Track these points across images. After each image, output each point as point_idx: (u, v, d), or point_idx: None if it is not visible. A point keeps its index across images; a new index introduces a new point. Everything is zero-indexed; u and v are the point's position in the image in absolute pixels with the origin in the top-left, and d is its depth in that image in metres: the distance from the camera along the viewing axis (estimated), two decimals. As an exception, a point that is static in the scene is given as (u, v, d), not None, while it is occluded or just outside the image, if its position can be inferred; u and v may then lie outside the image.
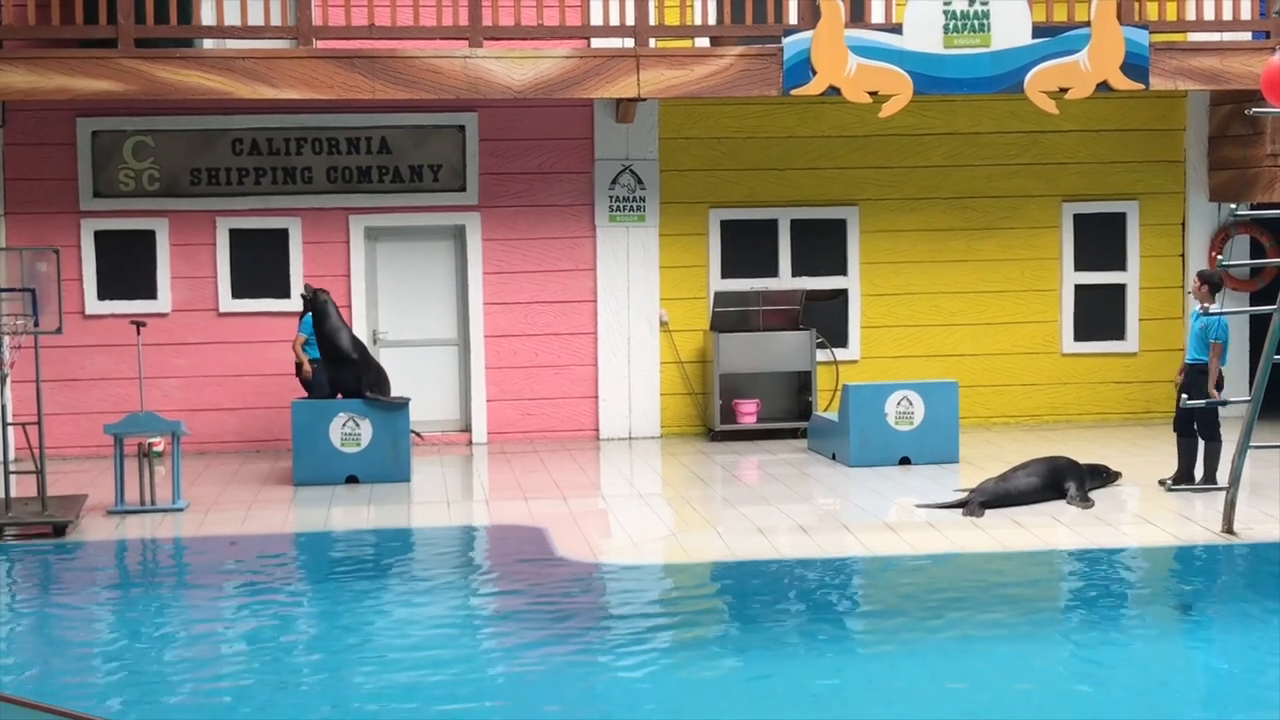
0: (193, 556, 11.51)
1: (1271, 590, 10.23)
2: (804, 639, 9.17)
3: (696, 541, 11.40)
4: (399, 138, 15.65)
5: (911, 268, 16.34)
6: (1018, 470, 12.52)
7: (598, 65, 14.40)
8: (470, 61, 14.29)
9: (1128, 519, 11.97)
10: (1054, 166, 16.44)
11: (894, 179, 16.28)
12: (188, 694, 8.31)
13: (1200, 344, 12.52)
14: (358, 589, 10.35)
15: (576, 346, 15.95)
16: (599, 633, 9.29)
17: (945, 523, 11.70)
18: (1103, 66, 14.73)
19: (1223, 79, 15.03)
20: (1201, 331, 12.50)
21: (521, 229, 15.82)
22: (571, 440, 15.90)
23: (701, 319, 16.07)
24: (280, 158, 15.53)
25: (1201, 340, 12.51)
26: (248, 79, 14.06)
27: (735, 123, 16.05)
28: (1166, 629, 9.48)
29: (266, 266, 15.57)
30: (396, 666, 8.70)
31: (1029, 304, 16.51)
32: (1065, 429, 16.13)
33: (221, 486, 13.66)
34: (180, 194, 15.45)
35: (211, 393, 15.55)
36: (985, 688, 8.30)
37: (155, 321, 15.22)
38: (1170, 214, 16.57)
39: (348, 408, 13.59)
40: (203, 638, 9.43)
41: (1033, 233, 16.46)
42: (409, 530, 12.09)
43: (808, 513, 12.23)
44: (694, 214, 16.08)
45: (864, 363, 16.28)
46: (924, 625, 9.39)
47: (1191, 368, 12.60)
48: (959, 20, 14.57)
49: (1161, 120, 16.47)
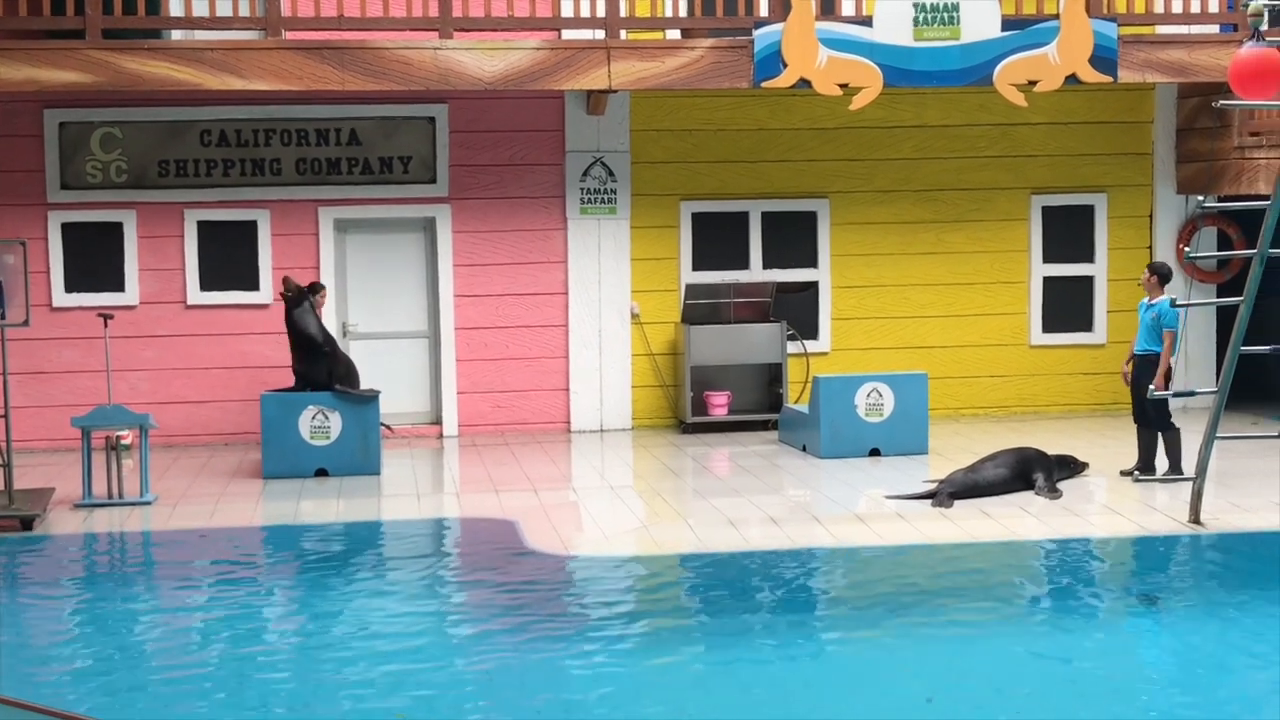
0: (161, 550, 11.45)
1: (1238, 581, 10.30)
2: (774, 630, 9.20)
3: (667, 533, 11.41)
4: (369, 129, 15.61)
5: (881, 260, 16.38)
6: (986, 461, 12.57)
7: (569, 57, 14.38)
8: (440, 53, 14.26)
9: (1095, 510, 12.03)
10: (1023, 159, 16.49)
11: (864, 171, 16.32)
12: (155, 687, 8.29)
13: (1152, 334, 12.58)
14: (327, 582, 10.33)
15: (547, 339, 15.94)
16: (570, 625, 9.29)
17: (914, 514, 11.74)
18: (1071, 59, 14.79)
19: (1190, 72, 15.10)
20: (1153, 322, 12.57)
21: (492, 221, 15.80)
22: (542, 433, 15.89)
23: (672, 311, 16.08)
24: (249, 149, 15.47)
25: (1153, 331, 12.57)
26: (216, 70, 14.00)
27: (706, 115, 16.05)
28: (1134, 619, 9.53)
29: (235, 259, 15.51)
30: (366, 659, 8.68)
31: (998, 296, 16.57)
32: (1033, 420, 16.20)
33: (190, 479, 13.61)
34: (148, 186, 15.38)
35: (180, 385, 15.49)
36: (954, 677, 8.34)
37: (123, 314, 15.14)
38: (1138, 206, 16.65)
39: (317, 400, 13.55)
40: (171, 631, 9.39)
41: (1001, 225, 16.52)
42: (379, 523, 12.07)
43: (778, 504, 12.25)
44: (665, 206, 16.08)
45: (834, 355, 16.32)
46: (893, 616, 9.43)
47: (1143, 359, 12.66)
48: (928, 13, 14.61)
49: (1129, 113, 16.54)
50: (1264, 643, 8.82)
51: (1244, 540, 11.03)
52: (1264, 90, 10.52)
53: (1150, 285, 12.74)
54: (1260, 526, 11.29)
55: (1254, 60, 10.37)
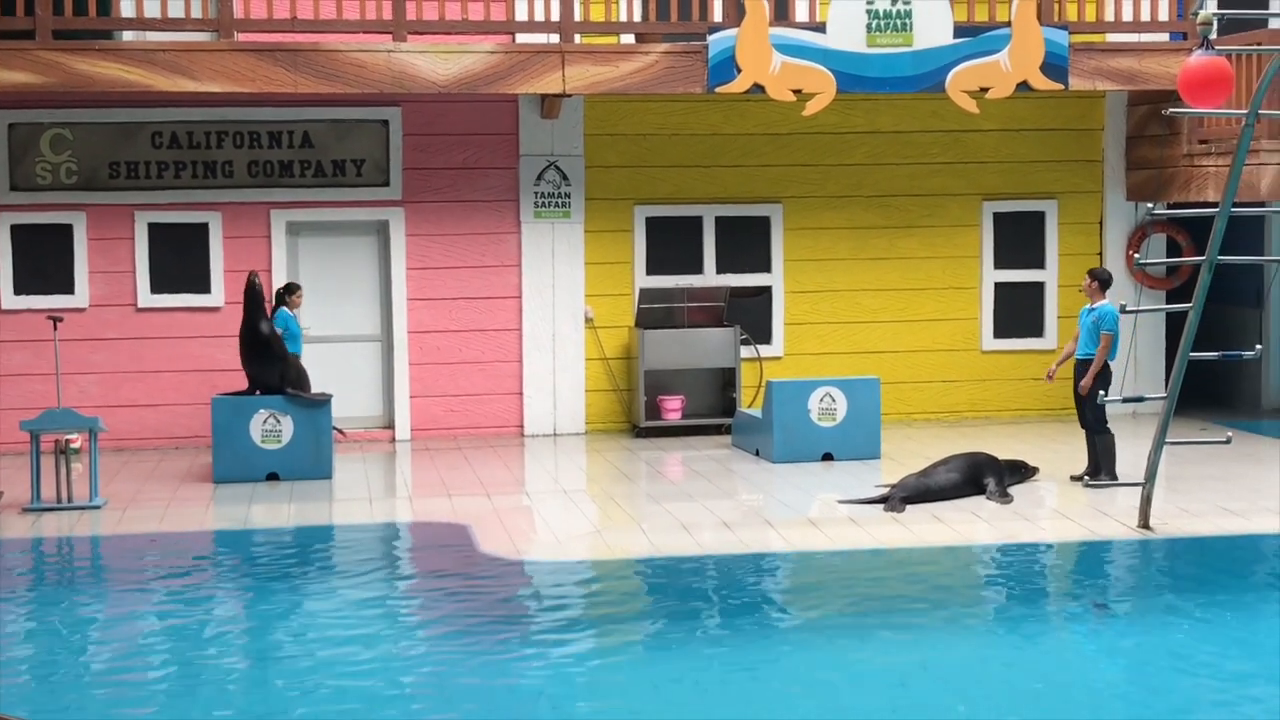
0: (110, 555, 11.37)
1: (1187, 585, 10.39)
2: (727, 634, 9.21)
3: (621, 538, 11.41)
4: (321, 132, 15.54)
5: (834, 265, 16.44)
6: (938, 466, 12.63)
7: (523, 61, 14.37)
8: (394, 56, 14.22)
9: (1046, 514, 12.11)
10: (974, 165, 16.59)
11: (817, 177, 16.37)
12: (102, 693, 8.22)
13: (1093, 338, 12.69)
14: (277, 587, 10.28)
15: (501, 343, 15.91)
16: (522, 630, 9.27)
17: (867, 518, 11.78)
18: (1023, 66, 14.88)
19: (1140, 79, 15.23)
20: (1094, 325, 12.67)
21: (446, 224, 15.76)
22: (496, 437, 15.86)
23: (626, 315, 16.09)
24: (200, 151, 15.38)
25: (1094, 335, 12.68)
26: (168, 72, 13.91)
27: (660, 119, 16.07)
28: (1083, 623, 9.60)
29: (186, 261, 15.41)
30: (317, 666, 8.64)
31: (950, 301, 16.66)
32: (985, 425, 16.29)
33: (140, 484, 13.51)
34: (98, 187, 15.26)
35: (130, 389, 15.38)
36: (905, 680, 8.37)
37: (73, 317, 15.02)
38: (1088, 213, 16.78)
39: (268, 404, 13.48)
40: (118, 637, 9.32)
41: (953, 231, 16.61)
42: (330, 528, 12.02)
43: (731, 509, 12.27)
44: (619, 210, 16.09)
45: (787, 359, 16.36)
46: (845, 620, 9.46)
47: (1084, 363, 12.76)
48: (881, 19, 14.67)
49: (1080, 120, 16.66)
50: (1210, 646, 8.90)
51: (1192, 545, 11.13)
52: (1213, 98, 10.61)
53: (1091, 290, 12.86)
54: (1208, 531, 11.40)
55: (1203, 69, 10.46)
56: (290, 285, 14.45)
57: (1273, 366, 17.18)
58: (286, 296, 14.34)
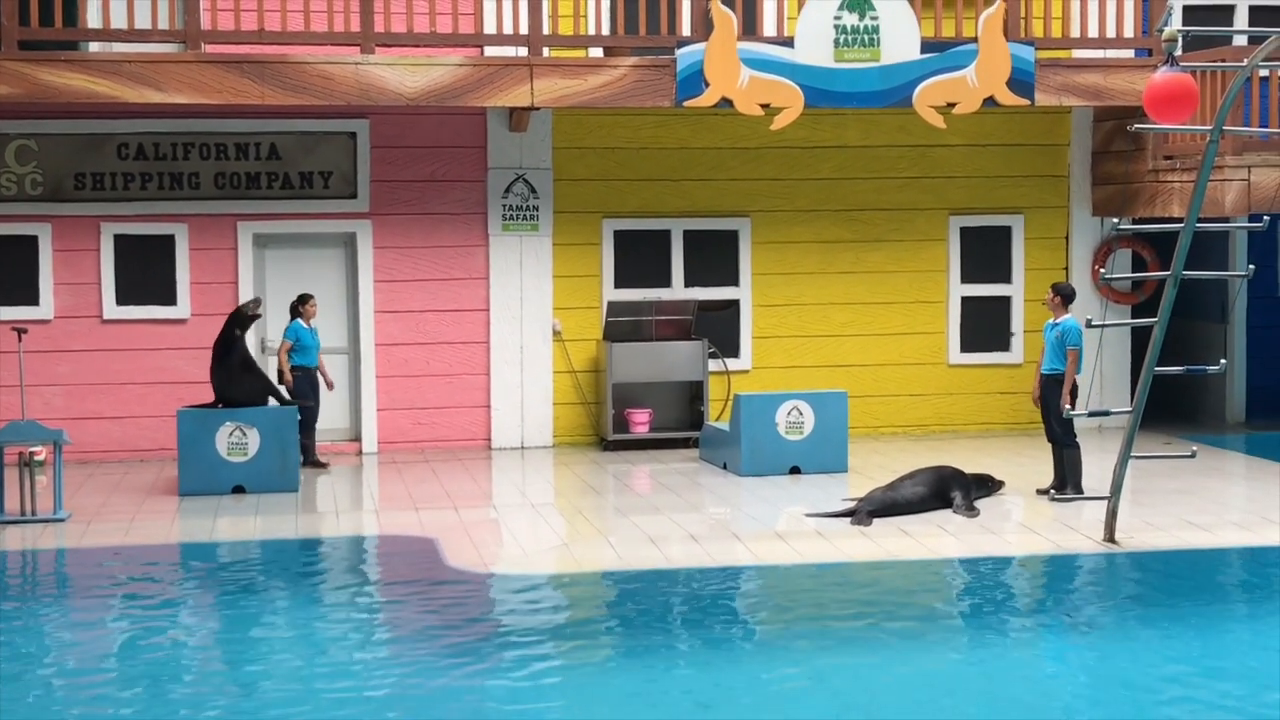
0: (74, 568, 11.29)
1: (1152, 598, 10.44)
2: (694, 648, 9.20)
3: (588, 551, 11.39)
4: (289, 144, 15.50)
5: (802, 279, 16.47)
6: (905, 480, 12.66)
7: (491, 74, 14.37)
8: (362, 68, 14.19)
9: (1012, 528, 12.15)
10: (941, 180, 16.65)
11: (785, 191, 16.41)
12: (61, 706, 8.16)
13: (1058, 353, 12.74)
14: (244, 601, 10.23)
15: (468, 355, 15.88)
16: (488, 643, 9.25)
17: (834, 532, 11.80)
18: (989, 82, 14.96)
19: (1106, 95, 15.32)
20: (1058, 340, 12.73)
21: (414, 237, 15.73)
22: (463, 450, 15.82)
23: (594, 328, 16.08)
24: (167, 163, 15.31)
25: (1058, 350, 12.73)
26: (134, 83, 13.86)
27: (629, 133, 16.08)
28: (1049, 637, 9.62)
29: (152, 273, 15.34)
30: (282, 679, 8.60)
31: (916, 315, 16.71)
32: (951, 439, 16.34)
33: (104, 496, 13.42)
34: (64, 199, 15.18)
35: (95, 401, 15.29)
36: (872, 693, 8.38)
37: (37, 328, 14.92)
38: (1054, 228, 16.86)
39: (234, 417, 13.43)
40: (80, 651, 9.25)
41: (920, 245, 16.66)
42: (296, 541, 11.96)
43: (699, 522, 12.27)
44: (587, 224, 16.09)
45: (755, 373, 16.38)
46: (812, 633, 9.47)
47: (1049, 378, 12.81)
48: (849, 34, 14.73)
49: (1046, 135, 16.75)
50: (1175, 660, 8.94)
51: (1157, 558, 11.18)
52: (1178, 114, 10.69)
53: (1054, 305, 12.92)
54: (1173, 545, 11.45)
55: (1168, 85, 10.53)
56: (303, 296, 14.49)
57: (1237, 381, 17.30)
58: (300, 307, 14.39)
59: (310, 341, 14.48)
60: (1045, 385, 12.83)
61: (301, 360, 14.40)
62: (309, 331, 14.49)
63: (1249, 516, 12.33)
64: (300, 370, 14.38)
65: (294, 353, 14.39)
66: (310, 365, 14.47)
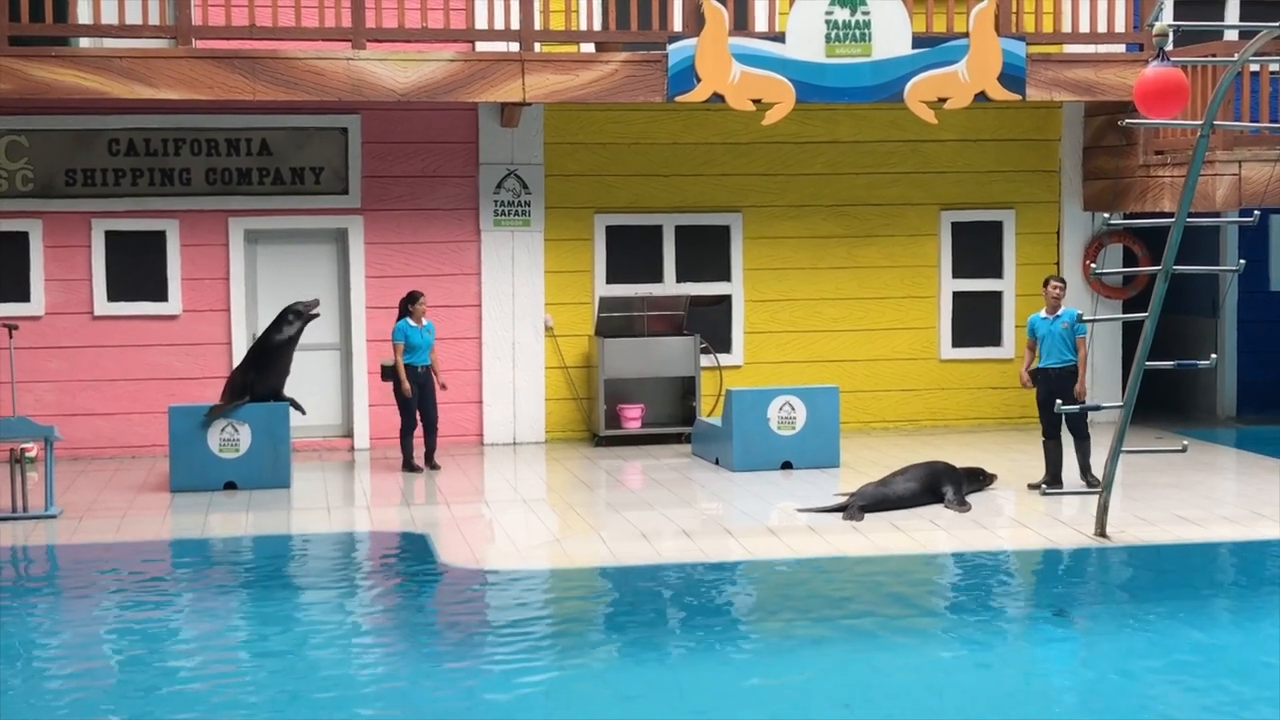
0: (66, 564, 11.28)
1: (1144, 593, 10.46)
2: (686, 643, 9.21)
3: (580, 547, 11.40)
4: (280, 139, 15.48)
5: (794, 274, 16.48)
6: (897, 475, 12.67)
7: (482, 69, 14.36)
8: (353, 63, 14.18)
9: (1004, 523, 12.16)
10: (933, 175, 16.66)
11: (777, 186, 16.41)
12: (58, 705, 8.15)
13: (1068, 345, 12.75)
14: (235, 597, 10.22)
15: (460, 351, 15.87)
16: (481, 639, 9.26)
17: (826, 527, 11.81)
18: (981, 77, 14.97)
19: (1097, 90, 15.34)
20: (1067, 331, 12.74)
21: (405, 233, 15.72)
22: (455, 445, 15.81)
23: (586, 324, 16.08)
24: (158, 159, 15.29)
25: (1068, 341, 12.73)
26: (125, 79, 13.84)
27: (620, 128, 16.08)
28: (1041, 631, 9.64)
29: (143, 269, 15.32)
30: (272, 675, 8.60)
31: (908, 310, 16.72)
32: (943, 434, 16.35)
33: (96, 493, 13.41)
34: (55, 195, 15.16)
35: (86, 397, 15.27)
36: (865, 688, 8.39)
37: (28, 324, 14.91)
38: (1045, 223, 16.88)
39: (226, 413, 13.41)
40: (71, 647, 9.25)
41: (912, 240, 16.68)
42: (288, 537, 11.95)
43: (691, 517, 12.28)
44: (579, 219, 16.09)
45: (747, 368, 16.39)
46: (804, 628, 9.48)
47: (1062, 370, 12.80)
48: (840, 30, 14.73)
49: (1037, 131, 16.77)
50: (1166, 654, 8.96)
51: (1148, 553, 11.20)
52: (1168, 109, 10.70)
53: (1062, 294, 12.90)
54: (1164, 539, 11.47)
55: (1159, 80, 10.55)
56: (413, 294, 14.28)
57: (1227, 376, 17.33)
58: (410, 306, 14.22)
59: (420, 340, 14.26)
60: (1058, 379, 12.78)
61: (411, 360, 14.18)
62: (418, 330, 14.30)
63: (1240, 511, 12.35)
64: (410, 370, 14.21)
65: (408, 354, 14.21)
66: (422, 364, 14.29)
